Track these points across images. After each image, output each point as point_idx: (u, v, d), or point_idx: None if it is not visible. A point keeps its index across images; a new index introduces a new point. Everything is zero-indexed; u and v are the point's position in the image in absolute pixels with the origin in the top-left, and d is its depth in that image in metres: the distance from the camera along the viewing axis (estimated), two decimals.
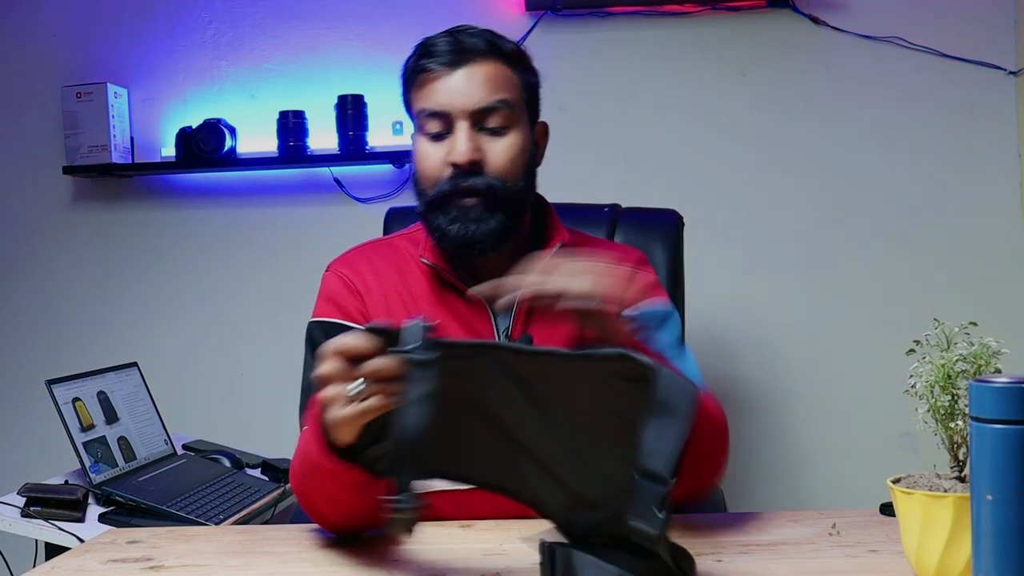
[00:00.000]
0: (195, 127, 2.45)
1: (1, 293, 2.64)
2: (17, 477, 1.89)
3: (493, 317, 1.27)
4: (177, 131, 2.47)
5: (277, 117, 2.44)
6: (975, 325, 0.89)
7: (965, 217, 2.37)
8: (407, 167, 2.46)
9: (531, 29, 2.43)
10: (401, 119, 2.42)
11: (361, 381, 0.91)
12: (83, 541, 1.49)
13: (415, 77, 1.26)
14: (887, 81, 2.38)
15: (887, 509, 1.11)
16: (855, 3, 2.38)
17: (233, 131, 2.47)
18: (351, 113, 2.41)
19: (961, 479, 0.88)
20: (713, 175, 2.42)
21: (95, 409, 1.86)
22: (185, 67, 2.57)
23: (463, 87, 1.23)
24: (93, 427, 1.83)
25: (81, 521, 1.67)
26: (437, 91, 1.24)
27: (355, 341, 0.92)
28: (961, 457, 0.88)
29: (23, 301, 2.63)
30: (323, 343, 0.95)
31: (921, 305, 2.31)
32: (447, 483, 1.05)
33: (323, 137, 2.45)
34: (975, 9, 2.36)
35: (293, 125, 2.43)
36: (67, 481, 1.80)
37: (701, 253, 2.05)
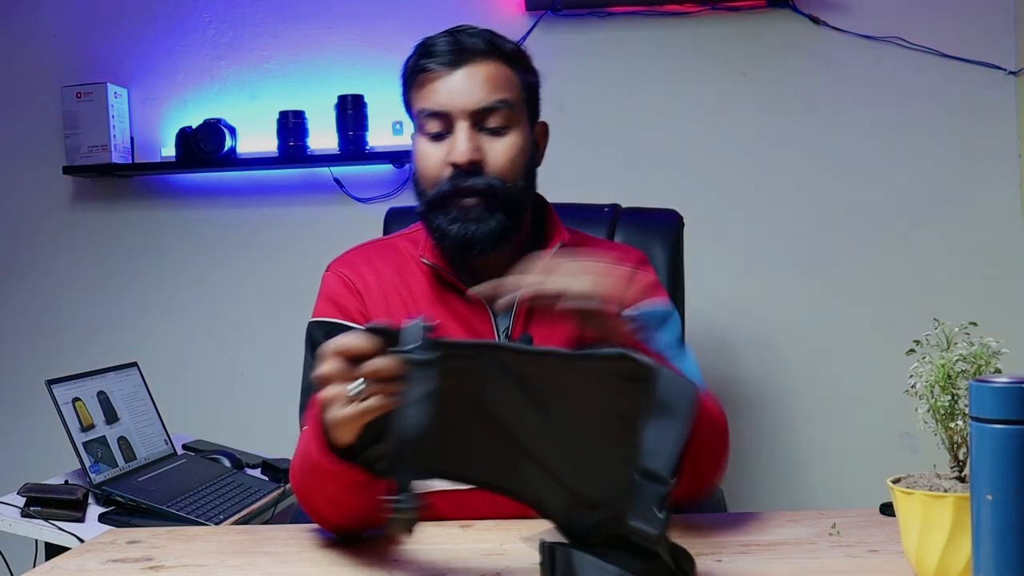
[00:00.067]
0: (195, 127, 2.45)
1: (1, 293, 2.64)
2: (17, 477, 1.89)
3: (493, 317, 1.27)
4: (177, 131, 2.47)
5: (277, 117, 2.44)
6: (975, 325, 0.89)
7: (965, 217, 2.37)
8: (407, 167, 2.46)
9: (531, 29, 2.43)
10: (401, 119, 2.42)
11: (361, 381, 0.91)
12: (83, 541, 1.49)
13: (415, 77, 1.26)
14: (887, 81, 2.38)
15: (887, 509, 1.11)
16: (855, 3, 2.38)
17: (233, 131, 2.47)
18: (351, 113, 2.41)
19: (961, 479, 0.88)
20: (713, 175, 2.42)
21: (95, 409, 1.86)
22: (185, 67, 2.57)
23: (463, 87, 1.23)
24: (93, 427, 1.83)
25: (81, 521, 1.67)
26: (437, 91, 1.24)
27: (355, 341, 0.92)
28: (961, 457, 0.88)
29: (23, 301, 2.63)
30: (323, 343, 0.95)
31: (921, 305, 2.31)
32: (447, 483, 1.05)
33: (323, 137, 2.45)
34: (975, 9, 2.36)
35: (293, 125, 2.43)
36: (67, 481, 1.80)
37: (701, 253, 2.05)
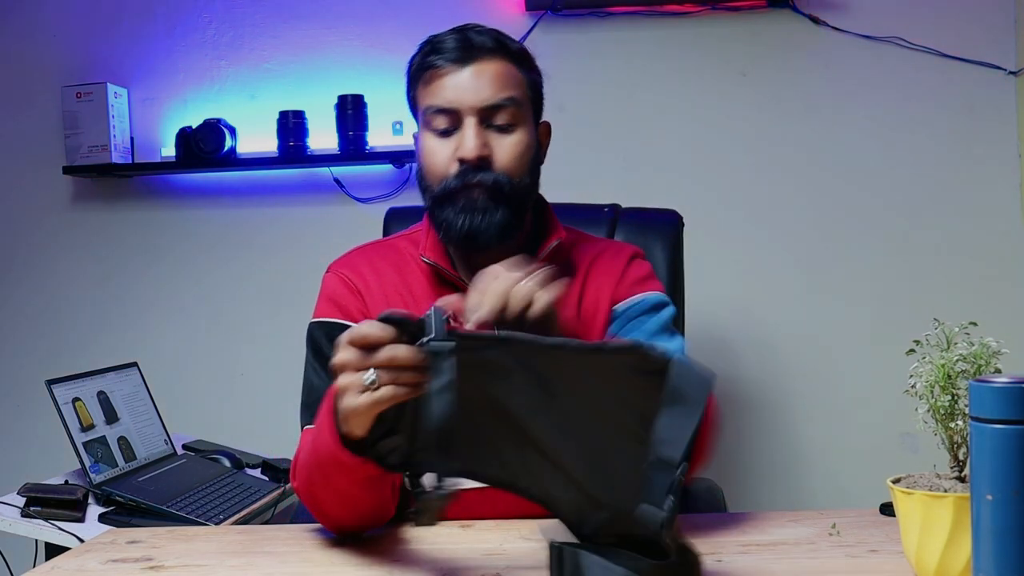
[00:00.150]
0: (195, 127, 2.45)
1: (1, 293, 2.64)
2: (17, 477, 1.89)
3: None
4: (177, 131, 2.47)
5: (277, 117, 2.44)
6: (975, 325, 0.89)
7: (965, 217, 2.37)
8: (407, 167, 2.46)
9: (531, 29, 2.42)
10: (401, 119, 2.42)
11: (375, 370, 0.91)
12: (83, 541, 1.49)
13: (422, 74, 1.26)
14: (887, 81, 2.38)
15: (887, 509, 1.11)
16: (855, 3, 2.38)
17: (233, 131, 2.47)
18: (351, 113, 2.41)
19: (961, 479, 0.88)
20: (713, 175, 2.42)
21: (95, 409, 1.86)
22: (185, 67, 2.57)
23: (472, 84, 1.23)
24: (93, 427, 1.83)
25: (81, 521, 1.67)
26: (445, 88, 1.24)
27: (371, 330, 0.91)
28: (961, 457, 0.88)
29: (23, 301, 2.63)
30: (324, 343, 0.95)
31: (921, 305, 2.31)
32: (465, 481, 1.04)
33: (323, 137, 2.45)
34: (975, 9, 2.36)
35: (293, 125, 2.43)
36: (67, 481, 1.80)
37: (701, 253, 2.05)
